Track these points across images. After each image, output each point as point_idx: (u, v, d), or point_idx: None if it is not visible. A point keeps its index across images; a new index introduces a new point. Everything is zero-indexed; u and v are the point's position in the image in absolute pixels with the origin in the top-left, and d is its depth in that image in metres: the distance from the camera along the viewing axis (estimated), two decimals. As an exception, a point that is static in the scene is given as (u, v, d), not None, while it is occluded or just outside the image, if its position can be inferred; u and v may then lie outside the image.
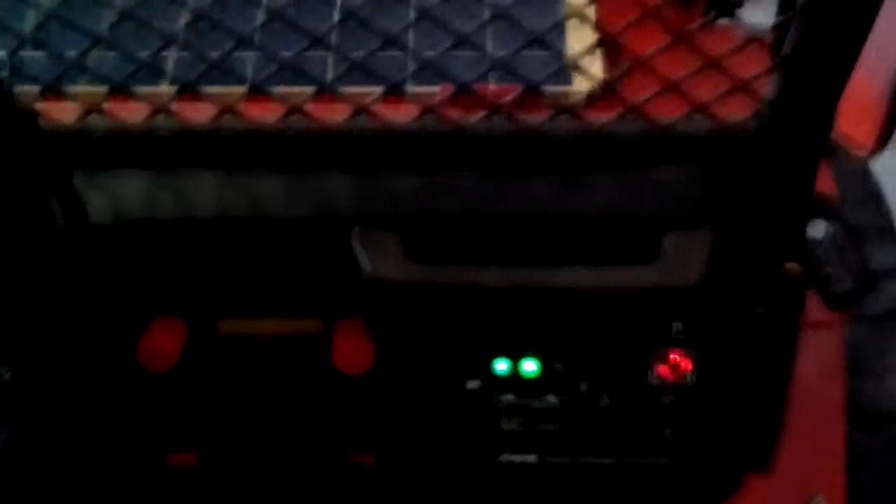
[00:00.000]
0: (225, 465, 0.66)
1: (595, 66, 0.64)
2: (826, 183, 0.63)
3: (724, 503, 0.64)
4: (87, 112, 0.56)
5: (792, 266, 0.58)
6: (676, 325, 0.57)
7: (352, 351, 0.59)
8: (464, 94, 0.56)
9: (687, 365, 0.58)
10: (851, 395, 0.86)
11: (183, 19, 0.63)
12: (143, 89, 0.56)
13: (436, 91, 0.59)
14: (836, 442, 0.83)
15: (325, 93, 0.55)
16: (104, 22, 0.53)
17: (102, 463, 0.64)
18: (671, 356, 0.58)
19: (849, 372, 0.86)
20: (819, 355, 0.69)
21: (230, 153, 0.59)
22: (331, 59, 0.65)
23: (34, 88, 0.55)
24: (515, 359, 0.59)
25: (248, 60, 0.65)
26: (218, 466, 0.65)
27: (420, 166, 0.59)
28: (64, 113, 0.57)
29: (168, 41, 0.52)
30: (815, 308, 0.62)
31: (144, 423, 0.63)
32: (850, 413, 0.86)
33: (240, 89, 0.55)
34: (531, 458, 0.62)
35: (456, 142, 0.58)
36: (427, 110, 0.56)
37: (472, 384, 0.60)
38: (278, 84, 0.55)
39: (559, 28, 0.65)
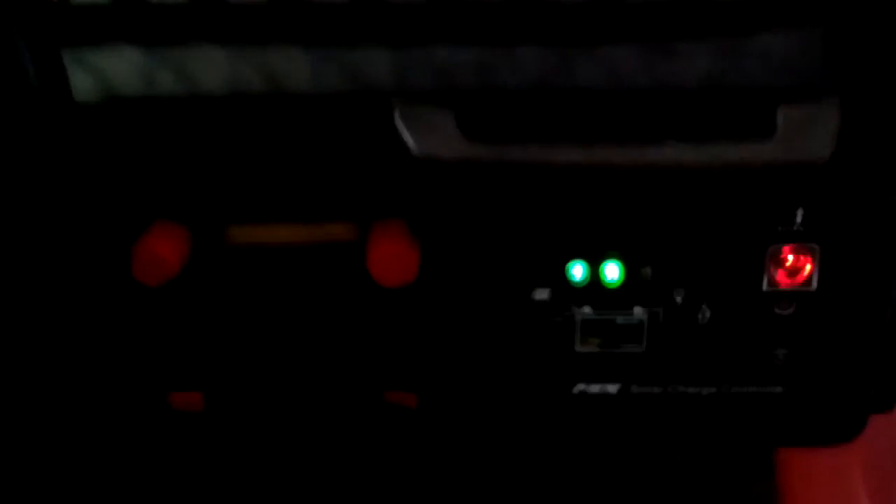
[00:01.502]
0: (237, 408, 0.55)
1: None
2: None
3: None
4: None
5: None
6: (798, 217, 0.46)
7: (392, 257, 0.48)
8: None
9: (809, 267, 0.47)
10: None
11: None
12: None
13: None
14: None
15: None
16: None
17: (91, 400, 0.53)
18: (790, 256, 0.47)
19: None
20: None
21: (242, 23, 0.49)
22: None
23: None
24: (595, 262, 0.48)
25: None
26: (228, 409, 0.54)
27: (474, 37, 0.48)
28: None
29: None
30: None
31: (140, 352, 0.52)
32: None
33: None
34: (612, 387, 0.50)
35: (515, 7, 0.47)
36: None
37: (541, 295, 0.49)
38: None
39: None
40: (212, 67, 0.48)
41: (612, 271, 0.48)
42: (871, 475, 0.60)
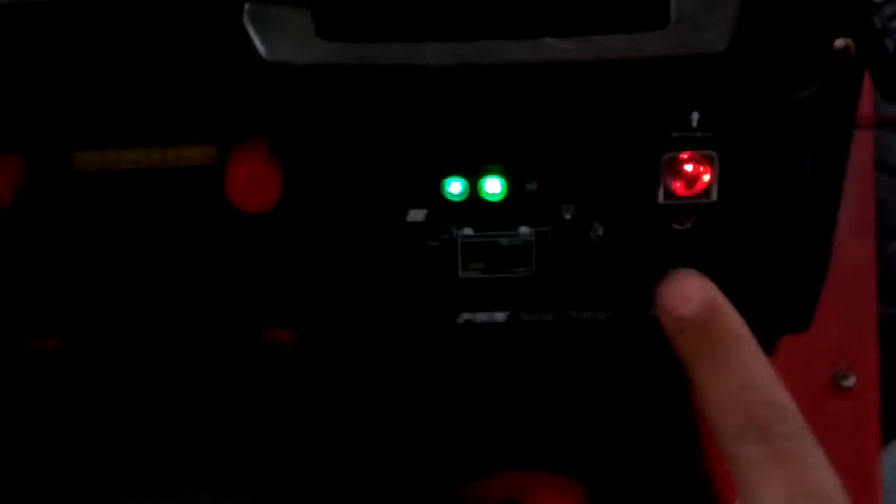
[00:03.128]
0: (95, 350, 0.50)
1: None
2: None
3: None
4: None
5: (843, 41, 0.43)
6: (695, 120, 0.42)
7: (250, 179, 0.43)
8: None
9: (708, 175, 0.43)
10: (880, 261, 0.73)
11: None
12: None
13: None
14: (867, 311, 0.70)
15: None
16: None
17: None
18: (687, 163, 0.43)
19: (878, 234, 0.72)
20: (847, 204, 0.53)
21: None
22: None
23: None
24: (473, 177, 0.43)
25: None
26: (85, 351, 0.49)
27: None
28: None
29: None
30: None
31: None
32: (879, 284, 0.72)
33: None
34: (500, 316, 0.46)
35: None
36: None
37: (416, 216, 0.44)
38: None
39: None
40: None
41: (492, 185, 0.43)
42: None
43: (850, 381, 0.66)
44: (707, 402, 0.41)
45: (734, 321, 0.42)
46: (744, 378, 0.41)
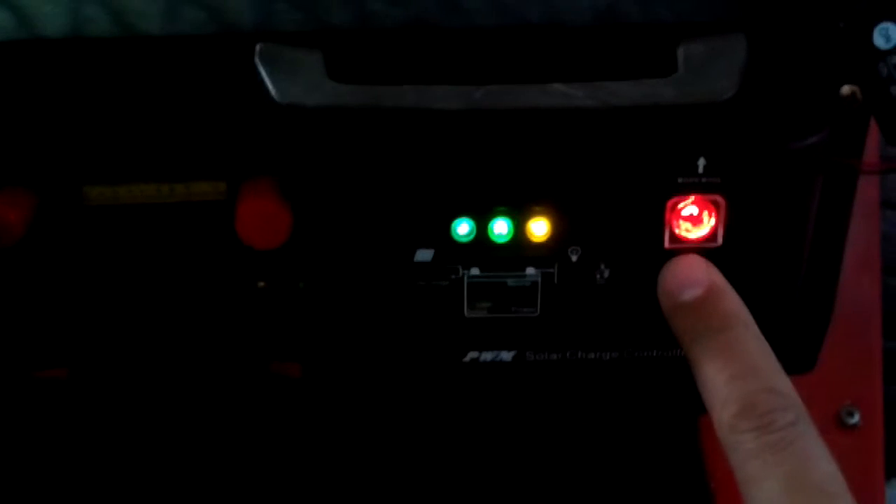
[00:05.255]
0: (105, 382, 0.50)
1: None
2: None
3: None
4: None
5: (850, 88, 0.43)
6: (701, 165, 0.42)
7: (260, 217, 0.44)
8: None
9: (714, 220, 0.43)
10: (886, 297, 0.73)
11: None
12: None
13: None
14: (872, 347, 0.70)
15: None
16: None
17: None
18: (692, 208, 0.43)
19: (883, 270, 0.72)
20: (853, 241, 0.53)
21: None
22: None
23: None
24: (481, 219, 0.44)
25: None
26: (93, 380, 0.50)
27: None
28: None
29: None
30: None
31: None
32: (884, 320, 0.72)
33: None
34: (506, 355, 0.46)
35: None
36: None
37: (424, 256, 0.44)
38: None
39: None
40: (51, 5, 0.43)
41: (500, 227, 0.43)
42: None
43: (855, 418, 0.66)
44: (706, 388, 0.39)
45: (736, 305, 0.41)
46: (744, 364, 0.39)
